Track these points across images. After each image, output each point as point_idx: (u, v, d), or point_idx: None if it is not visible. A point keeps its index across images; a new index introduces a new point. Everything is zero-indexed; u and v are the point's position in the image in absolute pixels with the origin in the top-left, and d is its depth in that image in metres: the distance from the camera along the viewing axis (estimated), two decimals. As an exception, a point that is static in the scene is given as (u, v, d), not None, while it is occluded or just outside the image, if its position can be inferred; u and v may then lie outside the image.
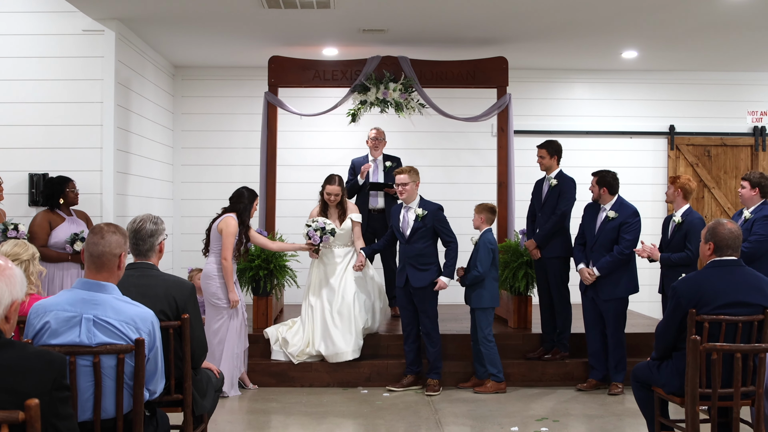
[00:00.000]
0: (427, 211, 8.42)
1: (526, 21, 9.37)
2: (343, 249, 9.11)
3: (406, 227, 8.50)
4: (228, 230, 8.12)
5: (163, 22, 9.42)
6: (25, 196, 8.94)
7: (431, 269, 8.45)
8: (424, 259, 8.44)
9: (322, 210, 9.15)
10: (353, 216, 9.19)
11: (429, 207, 8.48)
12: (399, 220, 8.59)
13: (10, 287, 3.02)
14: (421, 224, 8.42)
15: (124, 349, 4.02)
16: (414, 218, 8.45)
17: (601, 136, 12.25)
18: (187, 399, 5.06)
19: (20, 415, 2.73)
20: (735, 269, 5.28)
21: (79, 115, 9.08)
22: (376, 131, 10.13)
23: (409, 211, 8.53)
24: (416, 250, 8.44)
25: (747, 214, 7.90)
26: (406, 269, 8.49)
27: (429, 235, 8.47)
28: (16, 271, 3.06)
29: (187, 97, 12.07)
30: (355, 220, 9.19)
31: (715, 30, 9.76)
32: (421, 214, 8.41)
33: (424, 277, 8.41)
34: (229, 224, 8.16)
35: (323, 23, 9.39)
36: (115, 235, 4.18)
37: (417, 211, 8.44)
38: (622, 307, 8.38)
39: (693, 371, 4.44)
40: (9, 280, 3.02)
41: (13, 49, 9.11)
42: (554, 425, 7.22)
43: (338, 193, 9.07)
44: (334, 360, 8.70)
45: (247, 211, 8.40)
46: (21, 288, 3.06)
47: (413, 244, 8.45)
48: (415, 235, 8.44)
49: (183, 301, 5.00)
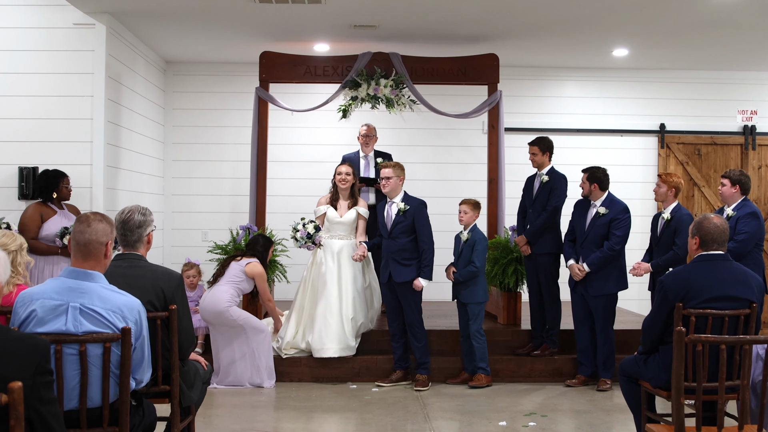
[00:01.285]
0: (410, 206, 8.46)
1: (517, 18, 9.38)
2: (341, 241, 9.10)
3: (388, 221, 8.53)
4: (263, 276, 8.74)
5: (154, 16, 9.40)
6: (15, 190, 8.91)
7: (414, 264, 8.44)
8: (406, 254, 8.44)
9: (333, 198, 9.21)
10: (360, 209, 9.22)
11: (412, 202, 8.51)
12: (383, 215, 8.62)
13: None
14: (403, 218, 8.43)
15: (111, 338, 4.01)
16: (396, 212, 8.47)
17: (591, 134, 12.26)
18: (174, 390, 5.05)
19: (3, 398, 2.72)
20: (721, 263, 5.30)
21: (70, 108, 9.07)
22: (367, 128, 10.14)
23: (392, 205, 8.55)
24: (398, 245, 8.45)
25: (729, 211, 7.93)
26: (389, 264, 8.51)
27: (411, 230, 8.46)
28: (0, 255, 3.06)
29: (178, 93, 12.05)
30: (362, 213, 9.21)
31: (705, 28, 9.78)
32: (403, 209, 8.44)
33: (407, 273, 8.42)
34: (262, 272, 8.74)
35: (314, 19, 9.38)
36: (101, 223, 4.18)
37: (399, 205, 8.47)
38: (612, 304, 8.41)
39: (678, 363, 4.45)
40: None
41: (2, 42, 9.08)
42: (542, 420, 7.24)
43: (349, 173, 9.16)
44: (320, 355, 8.70)
45: (264, 258, 8.91)
46: (4, 271, 3.06)
47: (395, 238, 8.46)
48: (396, 228, 8.46)
49: (171, 292, 4.99)
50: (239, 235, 9.36)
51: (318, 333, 8.76)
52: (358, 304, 8.96)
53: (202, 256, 9.89)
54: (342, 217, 9.12)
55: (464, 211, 8.65)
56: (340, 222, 9.11)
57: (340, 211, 9.15)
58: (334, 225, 9.13)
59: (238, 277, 8.60)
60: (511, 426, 7.04)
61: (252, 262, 8.67)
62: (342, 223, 9.11)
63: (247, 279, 8.62)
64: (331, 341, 8.72)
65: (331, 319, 8.79)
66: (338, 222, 9.11)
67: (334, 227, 9.13)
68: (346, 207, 9.17)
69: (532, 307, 9.05)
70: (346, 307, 8.86)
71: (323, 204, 9.28)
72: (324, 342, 8.72)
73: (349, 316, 8.85)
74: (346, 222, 9.12)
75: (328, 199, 9.26)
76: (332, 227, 9.14)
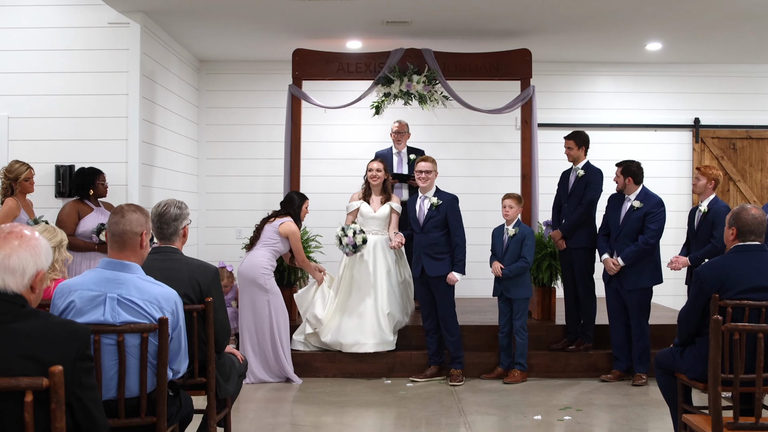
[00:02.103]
0: (442, 201, 8.52)
1: (550, 12, 9.36)
2: (374, 237, 9.09)
3: (421, 216, 8.58)
4: (296, 236, 8.74)
5: (187, 14, 9.47)
6: (52, 188, 9.02)
7: (446, 258, 8.49)
8: (438, 248, 8.49)
9: (365, 194, 9.25)
10: (393, 204, 9.25)
11: (444, 197, 8.57)
12: (415, 210, 8.66)
13: (34, 257, 3.06)
14: (436, 212, 8.49)
15: (148, 328, 4.05)
16: (429, 207, 8.53)
17: (625, 129, 12.20)
18: (210, 382, 5.10)
19: (44, 382, 2.76)
20: (758, 254, 5.25)
21: (105, 107, 9.16)
22: (399, 124, 10.13)
23: (425, 200, 8.60)
24: (431, 239, 8.50)
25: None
26: (421, 259, 8.55)
27: (443, 225, 8.51)
28: (42, 242, 3.11)
29: (212, 91, 12.12)
30: (395, 208, 9.24)
31: (739, 21, 9.68)
32: (436, 203, 8.49)
33: (440, 267, 8.47)
34: (295, 230, 8.76)
35: (347, 15, 9.41)
36: (135, 213, 4.22)
37: (432, 199, 8.52)
38: (646, 298, 8.36)
39: (715, 351, 4.42)
40: (34, 251, 3.07)
41: (39, 41, 9.19)
42: (577, 414, 7.22)
43: (380, 169, 9.19)
44: (356, 350, 8.74)
45: (298, 216, 8.87)
46: (46, 258, 3.11)
47: (428, 233, 8.52)
48: (429, 223, 8.51)
49: (207, 285, 5.05)
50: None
51: (353, 329, 8.78)
52: (393, 298, 8.95)
53: (237, 253, 9.94)
54: (376, 212, 9.14)
55: (509, 206, 8.65)
56: (374, 217, 9.13)
57: (373, 206, 9.18)
58: (367, 220, 9.14)
59: (273, 239, 8.66)
60: (546, 420, 7.03)
61: (285, 222, 8.71)
62: (376, 218, 9.13)
63: (282, 239, 8.67)
64: (367, 336, 8.74)
65: (367, 314, 8.81)
66: (372, 217, 9.13)
67: (368, 222, 9.14)
68: (379, 202, 9.21)
69: (567, 302, 9.02)
70: (382, 302, 8.86)
71: (356, 200, 9.32)
72: (359, 337, 8.74)
73: (386, 311, 8.84)
74: (379, 217, 9.15)
75: (361, 195, 9.30)
76: (366, 222, 9.14)
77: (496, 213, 9.19)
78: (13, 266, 3.01)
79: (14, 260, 3.02)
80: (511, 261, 8.50)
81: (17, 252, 3.04)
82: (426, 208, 8.55)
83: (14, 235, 3.07)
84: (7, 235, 3.07)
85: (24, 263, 3.03)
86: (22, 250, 3.05)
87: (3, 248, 3.03)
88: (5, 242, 3.04)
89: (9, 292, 2.99)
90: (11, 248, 3.03)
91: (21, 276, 3.02)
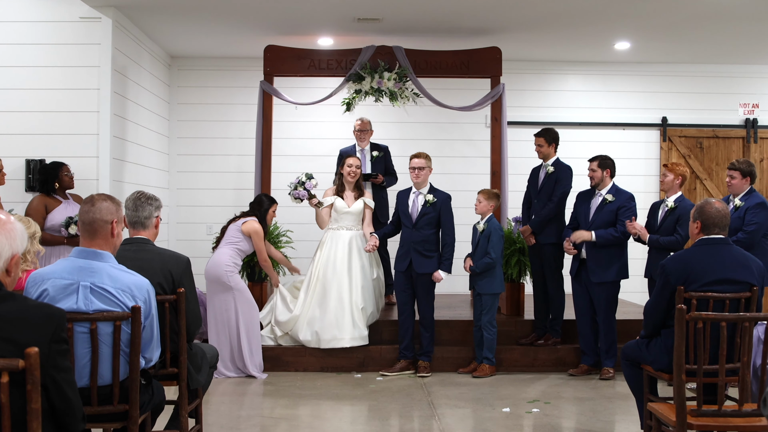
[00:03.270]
0: (437, 199, 8.60)
1: (520, 11, 9.44)
2: (349, 232, 9.12)
3: (414, 212, 8.64)
4: (258, 235, 8.74)
5: (158, 10, 9.46)
6: (22, 182, 8.97)
7: (435, 257, 8.59)
8: (429, 246, 8.58)
9: (338, 190, 9.24)
10: (367, 200, 9.29)
11: (439, 195, 8.66)
12: (407, 205, 8.70)
13: (10, 241, 3.07)
14: (430, 210, 8.58)
15: (121, 316, 4.08)
16: (423, 203, 8.61)
17: (594, 127, 12.31)
18: (182, 372, 5.13)
19: (20, 363, 2.79)
20: (722, 247, 5.35)
21: (76, 101, 9.14)
22: (361, 122, 10.14)
23: (419, 196, 8.67)
24: (422, 236, 8.58)
25: (737, 201, 7.92)
26: (410, 254, 8.59)
27: (435, 223, 8.61)
28: (17, 225, 3.12)
29: (183, 87, 12.11)
30: (368, 204, 9.29)
31: (707, 21, 9.82)
32: (431, 200, 8.58)
33: (429, 264, 8.56)
34: (258, 229, 8.75)
35: (318, 11, 9.46)
36: (105, 202, 4.25)
37: (427, 197, 8.61)
38: (613, 292, 8.47)
39: (680, 340, 4.51)
40: (9, 234, 3.07)
41: (9, 35, 9.16)
42: (545, 407, 7.31)
43: (359, 165, 9.27)
44: (332, 345, 8.75)
45: (264, 218, 8.88)
46: (21, 242, 3.12)
47: (420, 230, 8.59)
48: (422, 220, 8.59)
49: (179, 275, 5.07)
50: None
51: (329, 325, 8.77)
52: (368, 293, 8.96)
53: (207, 249, 9.94)
54: (350, 208, 9.15)
55: (478, 200, 8.75)
56: (349, 212, 9.14)
57: (347, 201, 9.18)
58: (342, 215, 9.15)
59: (236, 237, 8.70)
60: (515, 413, 7.12)
61: (248, 221, 8.75)
62: (350, 213, 9.14)
63: (244, 238, 8.70)
64: (344, 332, 8.75)
65: (343, 309, 8.80)
66: (346, 212, 9.14)
67: (342, 218, 9.15)
68: (353, 198, 9.21)
69: (536, 297, 9.12)
70: (356, 297, 8.86)
71: (330, 195, 9.28)
72: (336, 333, 8.76)
73: (360, 306, 8.84)
74: (354, 212, 9.16)
75: (334, 190, 9.29)
76: (340, 218, 9.16)
77: (466, 210, 9.32)
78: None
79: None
80: (481, 256, 8.58)
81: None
82: (420, 204, 8.63)
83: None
84: None
85: (0, 247, 3.04)
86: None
87: None
88: None
89: None
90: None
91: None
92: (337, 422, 6.93)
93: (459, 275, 9.32)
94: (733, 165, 8.02)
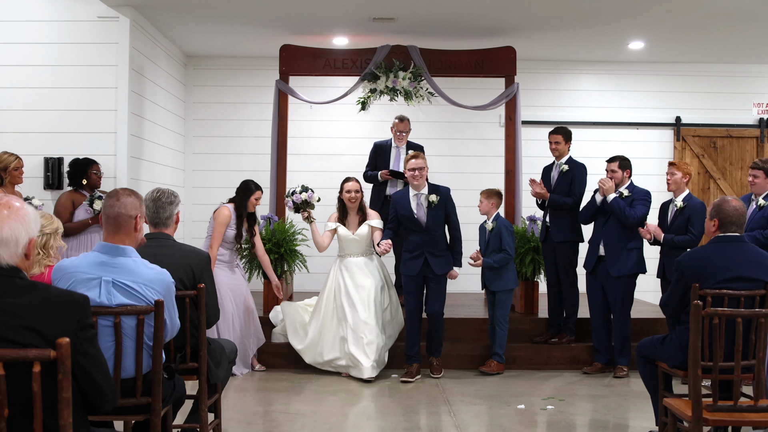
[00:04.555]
0: (440, 196, 8.32)
1: (534, 11, 9.51)
2: (361, 258, 8.76)
3: (421, 215, 8.32)
4: (219, 220, 8.37)
5: (175, 9, 9.58)
6: (41, 180, 9.10)
7: (448, 254, 8.40)
8: (441, 245, 8.37)
9: (341, 216, 8.85)
10: (372, 222, 8.82)
11: (441, 191, 8.37)
12: (411, 209, 8.33)
13: (25, 226, 3.10)
14: (436, 210, 8.30)
15: (145, 310, 4.15)
16: (428, 205, 8.30)
17: (607, 126, 12.38)
18: (202, 367, 5.17)
19: (51, 353, 2.85)
20: (738, 245, 5.39)
21: (94, 100, 9.27)
22: (402, 121, 10.00)
23: (420, 197, 8.35)
24: (435, 238, 8.34)
25: (762, 201, 7.92)
26: (425, 257, 8.30)
27: (443, 221, 8.37)
28: (29, 210, 3.16)
29: (199, 87, 12.22)
30: (375, 225, 8.81)
31: (720, 21, 9.87)
32: (435, 201, 8.28)
33: (446, 263, 8.35)
34: (221, 213, 8.41)
35: (334, 11, 9.55)
36: (130, 197, 4.32)
37: (430, 198, 8.29)
38: (630, 287, 8.51)
39: (695, 336, 4.56)
40: (24, 219, 3.10)
41: (29, 34, 9.29)
42: (560, 404, 7.36)
43: (358, 189, 8.80)
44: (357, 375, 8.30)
45: (245, 204, 8.56)
46: (36, 225, 3.16)
47: (432, 232, 8.33)
48: (432, 222, 8.31)
49: (199, 270, 5.14)
50: (260, 224, 9.45)
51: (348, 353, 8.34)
52: (376, 326, 8.44)
53: (223, 246, 10.00)
54: (354, 234, 8.77)
55: (480, 201, 8.80)
56: (353, 239, 8.77)
57: (350, 228, 8.80)
58: (347, 243, 8.79)
59: (211, 225, 8.48)
60: (530, 409, 7.16)
61: (220, 207, 8.48)
62: (354, 240, 8.76)
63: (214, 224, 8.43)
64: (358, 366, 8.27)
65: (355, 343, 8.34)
66: (351, 239, 8.77)
67: (348, 245, 8.79)
68: (356, 224, 8.80)
69: (550, 295, 9.15)
70: (364, 332, 8.35)
71: (333, 220, 8.89)
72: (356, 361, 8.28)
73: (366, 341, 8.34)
74: (359, 239, 8.76)
75: (338, 218, 8.89)
76: (346, 245, 8.80)
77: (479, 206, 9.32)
78: (6, 237, 3.04)
79: (6, 231, 3.04)
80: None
81: (8, 223, 3.05)
82: (425, 206, 8.32)
83: (2, 206, 3.11)
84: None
85: (16, 233, 3.06)
86: (12, 221, 3.08)
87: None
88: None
89: (4, 265, 3.04)
90: (1, 219, 3.07)
91: (15, 246, 3.06)
92: (354, 418, 6.99)
93: (471, 273, 9.35)
94: (756, 164, 7.99)
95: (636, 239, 8.46)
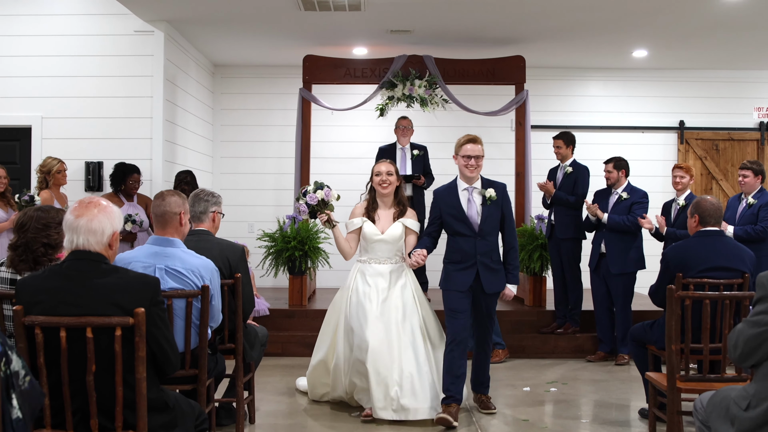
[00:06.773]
0: (497, 191, 6.59)
1: (542, 22, 10.00)
2: (387, 265, 6.81)
3: (473, 215, 6.51)
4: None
5: (206, 23, 10.18)
6: (82, 183, 9.82)
7: (501, 268, 6.62)
8: (496, 256, 6.59)
9: (370, 207, 6.94)
10: (408, 221, 6.87)
11: (498, 186, 6.66)
12: (460, 207, 6.52)
13: (110, 220, 3.85)
14: (493, 208, 6.53)
15: (193, 294, 4.79)
16: (482, 202, 6.54)
17: (614, 130, 12.93)
18: (238, 348, 5.80)
19: (130, 320, 3.57)
20: (718, 238, 6.00)
21: (131, 108, 9.94)
22: (406, 120, 10.49)
23: (472, 192, 6.59)
24: (489, 245, 6.54)
25: (750, 199, 8.45)
26: (477, 269, 6.46)
27: (497, 223, 6.59)
28: (114, 208, 3.91)
29: (226, 94, 12.91)
30: (410, 227, 6.86)
31: (720, 29, 10.30)
32: (493, 197, 6.53)
33: (500, 280, 6.59)
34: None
35: (354, 24, 10.07)
36: (174, 197, 5.06)
37: (487, 192, 6.53)
38: (630, 283, 9.02)
39: (670, 315, 5.17)
40: (110, 215, 3.85)
41: (72, 47, 9.99)
42: (563, 387, 7.94)
43: (391, 172, 6.86)
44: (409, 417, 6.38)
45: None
46: (119, 221, 3.89)
47: (486, 237, 6.52)
48: (487, 223, 6.51)
49: (236, 262, 5.79)
50: (285, 223, 9.95)
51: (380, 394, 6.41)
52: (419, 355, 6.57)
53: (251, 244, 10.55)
54: (384, 234, 6.83)
55: None
56: (382, 240, 6.83)
57: (380, 225, 6.87)
58: (373, 244, 6.85)
59: None
60: (534, 391, 7.76)
61: None
62: (384, 242, 6.83)
63: None
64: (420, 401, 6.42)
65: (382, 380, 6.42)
66: (379, 240, 6.84)
67: (374, 247, 6.85)
68: (389, 218, 6.88)
69: (556, 289, 9.68)
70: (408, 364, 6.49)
71: (358, 215, 6.97)
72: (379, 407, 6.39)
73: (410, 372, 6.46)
74: (389, 240, 6.82)
75: (364, 208, 6.99)
76: (371, 247, 6.86)
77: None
78: (95, 228, 3.79)
79: (95, 224, 3.79)
80: None
81: (97, 217, 3.81)
82: (478, 204, 6.52)
83: (93, 204, 3.85)
84: (88, 204, 3.84)
85: (103, 226, 3.81)
86: (101, 215, 3.83)
87: (86, 215, 3.79)
88: (87, 210, 3.81)
89: (92, 251, 3.76)
90: (92, 214, 3.81)
91: (101, 236, 3.80)
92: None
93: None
94: (745, 165, 8.56)
95: (636, 238, 8.99)
